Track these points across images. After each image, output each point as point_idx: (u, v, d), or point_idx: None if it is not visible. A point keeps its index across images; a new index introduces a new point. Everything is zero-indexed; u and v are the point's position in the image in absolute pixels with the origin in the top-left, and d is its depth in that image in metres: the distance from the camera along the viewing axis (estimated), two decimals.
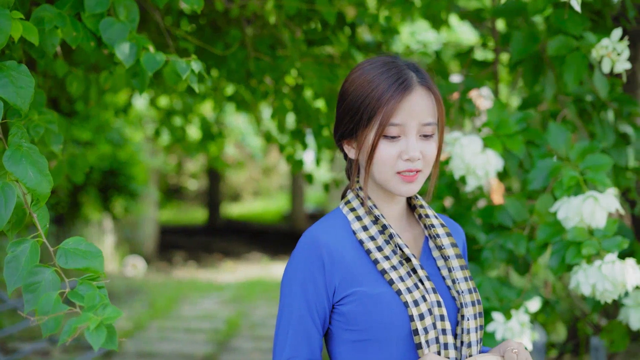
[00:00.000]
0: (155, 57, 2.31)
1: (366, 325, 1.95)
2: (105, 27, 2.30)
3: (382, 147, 1.97)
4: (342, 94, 2.05)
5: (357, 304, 1.95)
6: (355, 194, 2.07)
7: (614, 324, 3.45)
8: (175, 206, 26.60)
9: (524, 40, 3.28)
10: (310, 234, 2.00)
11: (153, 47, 2.34)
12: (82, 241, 1.75)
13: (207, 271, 14.46)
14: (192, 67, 2.35)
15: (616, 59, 3.05)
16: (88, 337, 1.53)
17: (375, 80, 1.98)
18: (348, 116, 2.01)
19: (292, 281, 1.99)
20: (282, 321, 1.99)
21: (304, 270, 1.97)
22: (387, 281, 1.97)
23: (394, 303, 1.94)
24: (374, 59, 2.07)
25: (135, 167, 11.91)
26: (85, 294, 1.62)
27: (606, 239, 2.78)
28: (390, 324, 1.94)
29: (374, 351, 1.96)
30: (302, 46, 4.02)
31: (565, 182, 2.86)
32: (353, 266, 1.98)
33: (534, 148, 3.17)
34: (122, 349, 8.22)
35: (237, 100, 5.68)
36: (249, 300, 11.36)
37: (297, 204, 20.69)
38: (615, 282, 2.66)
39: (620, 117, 3.66)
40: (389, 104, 1.95)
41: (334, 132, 2.10)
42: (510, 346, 1.97)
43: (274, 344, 2.01)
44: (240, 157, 20.03)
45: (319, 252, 1.96)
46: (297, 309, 1.97)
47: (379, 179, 2.01)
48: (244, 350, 8.36)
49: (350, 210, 2.05)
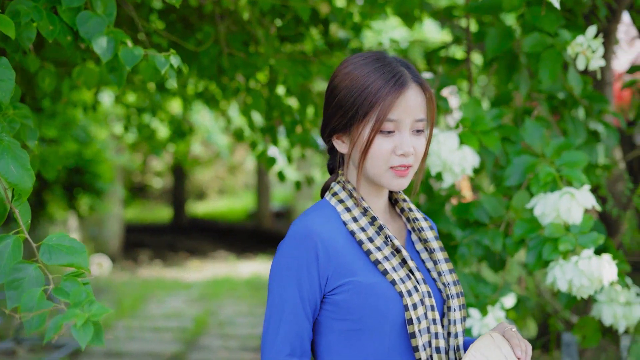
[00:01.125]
0: (134, 52, 2.28)
1: (360, 314, 1.95)
2: (82, 20, 2.27)
3: (377, 142, 1.98)
4: (334, 89, 2.04)
5: (352, 293, 1.95)
6: (342, 186, 2.07)
7: (587, 320, 3.47)
8: (140, 205, 26.42)
9: (498, 38, 3.29)
10: (302, 223, 1.99)
11: (131, 41, 2.31)
12: (66, 237, 1.72)
13: (173, 270, 14.37)
14: (171, 61, 2.33)
15: (591, 56, 3.08)
16: (75, 334, 1.51)
17: (371, 75, 1.99)
18: (341, 110, 2.01)
19: (284, 272, 1.97)
20: (274, 314, 1.97)
21: (298, 261, 1.95)
22: (380, 271, 1.98)
23: (389, 293, 1.96)
24: (364, 54, 2.07)
25: (100, 165, 11.79)
26: (71, 290, 1.59)
27: (582, 235, 2.80)
28: (386, 313, 1.95)
29: (365, 341, 1.97)
30: (276, 42, 4.00)
31: (541, 179, 2.88)
32: (346, 256, 1.98)
33: (509, 145, 3.19)
34: (89, 349, 8.14)
35: (206, 97, 5.65)
36: (217, 298, 11.31)
37: (263, 203, 20.62)
38: (591, 277, 2.68)
39: (590, 115, 3.69)
40: (386, 100, 1.96)
41: (323, 126, 2.09)
42: (507, 327, 2.07)
43: (263, 337, 1.98)
44: (206, 155, 19.95)
45: (313, 242, 1.95)
46: (291, 301, 1.95)
47: (371, 173, 2.02)
48: (212, 349, 8.32)
49: (339, 202, 2.04)
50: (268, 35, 3.80)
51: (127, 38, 2.31)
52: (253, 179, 24.91)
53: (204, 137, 13.51)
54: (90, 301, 1.53)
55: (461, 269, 3.27)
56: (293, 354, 1.95)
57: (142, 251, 16.64)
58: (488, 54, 3.31)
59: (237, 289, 12.14)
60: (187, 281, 12.96)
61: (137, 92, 6.17)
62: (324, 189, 2.15)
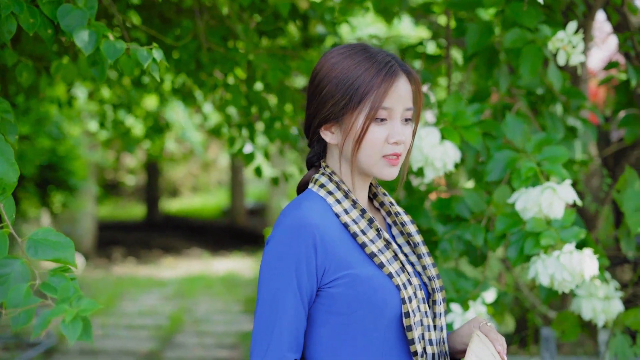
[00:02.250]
0: (116, 45, 2.25)
1: (356, 307, 1.93)
2: (63, 13, 2.24)
3: (370, 131, 1.97)
4: (322, 79, 2.01)
5: (349, 286, 1.93)
6: (328, 178, 2.04)
7: (566, 315, 3.49)
8: (113, 202, 26.27)
9: (479, 33, 3.29)
10: (296, 214, 1.95)
11: (113, 35, 2.29)
12: (52, 232, 1.69)
13: (147, 267, 14.31)
14: (153, 55, 2.31)
15: (572, 52, 3.09)
16: (64, 329, 1.48)
17: (363, 64, 1.98)
18: (333, 100, 1.98)
19: (281, 265, 1.91)
20: (271, 309, 1.91)
21: (295, 253, 1.90)
22: (376, 264, 1.96)
23: (386, 285, 1.94)
24: (349, 45, 2.06)
25: (74, 161, 11.71)
26: (59, 285, 1.57)
27: (564, 229, 2.81)
28: (383, 307, 1.94)
29: (358, 334, 1.94)
30: (255, 38, 3.98)
31: (523, 174, 2.88)
32: (342, 248, 1.95)
33: (490, 140, 3.19)
34: (64, 347, 8.09)
35: (183, 93, 5.62)
36: (192, 295, 11.28)
37: (237, 200, 20.57)
38: (573, 272, 2.69)
39: (568, 111, 3.71)
40: (380, 87, 1.95)
41: (310, 118, 2.06)
42: (481, 321, 2.07)
43: (259, 334, 1.91)
44: (179, 152, 19.86)
45: (311, 233, 1.91)
46: (290, 295, 1.90)
47: (364, 162, 2.00)
48: (188, 346, 8.29)
49: (328, 194, 2.01)
50: (247, 30, 3.78)
51: (108, 31, 2.28)
52: (227, 176, 24.86)
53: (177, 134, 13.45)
54: (79, 296, 1.51)
55: (442, 264, 3.27)
56: (291, 349, 1.91)
57: (116, 249, 16.54)
58: (468, 49, 3.31)
59: (212, 286, 12.10)
60: (162, 278, 12.91)
61: (113, 88, 6.12)
62: (303, 182, 2.12)
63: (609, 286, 3.26)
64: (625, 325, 3.44)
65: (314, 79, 2.05)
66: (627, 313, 3.41)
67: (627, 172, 3.51)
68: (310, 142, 2.12)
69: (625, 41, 4.09)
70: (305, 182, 2.12)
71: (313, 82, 2.05)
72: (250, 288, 11.75)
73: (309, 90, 2.07)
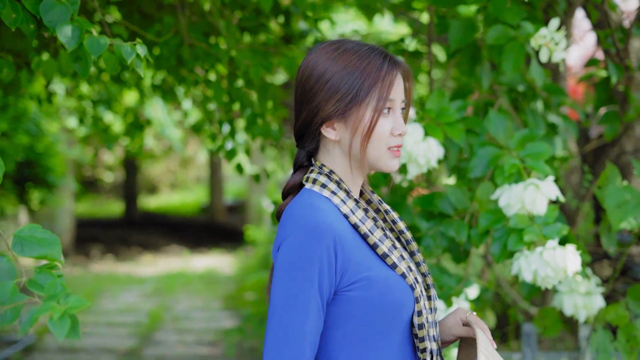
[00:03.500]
0: (99, 41, 2.23)
1: (374, 309, 1.90)
2: (46, 9, 2.22)
3: (379, 124, 1.96)
4: (320, 75, 1.96)
5: (367, 288, 1.89)
6: (327, 177, 1.99)
7: (547, 311, 3.51)
8: (91, 199, 26.14)
9: (462, 30, 3.30)
10: (314, 216, 1.88)
11: (96, 30, 2.27)
12: (38, 228, 1.67)
13: (126, 264, 14.25)
14: (137, 51, 2.29)
15: (554, 49, 3.10)
16: (51, 327, 1.47)
17: (364, 57, 1.95)
18: (338, 95, 1.94)
19: (303, 268, 1.84)
20: (292, 314, 1.83)
21: (319, 256, 1.83)
22: (389, 265, 1.94)
23: (402, 285, 1.93)
24: (340, 40, 2.03)
25: (52, 158, 11.62)
26: (46, 283, 1.55)
27: (547, 225, 2.82)
28: (401, 306, 1.92)
29: (373, 334, 1.92)
30: (237, 34, 3.97)
31: (506, 170, 2.89)
32: (356, 250, 1.91)
33: (473, 136, 3.20)
34: (44, 345, 8.05)
35: (163, 90, 5.60)
36: (171, 293, 11.24)
37: (216, 196, 20.53)
38: (556, 268, 2.70)
39: (549, 108, 3.73)
40: (385, 79, 1.94)
41: (309, 116, 1.99)
42: (466, 311, 2.11)
43: (276, 338, 1.83)
44: (158, 148, 19.78)
45: (330, 236, 1.85)
46: (313, 300, 1.84)
47: (372, 155, 1.98)
48: (167, 344, 8.27)
49: (332, 194, 1.96)
50: (229, 26, 3.76)
51: (92, 27, 2.26)
52: (205, 172, 24.79)
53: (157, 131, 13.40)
54: (66, 294, 1.50)
55: (425, 260, 3.28)
56: (312, 352, 1.85)
57: (94, 246, 16.47)
58: (451, 46, 3.32)
59: (192, 283, 12.07)
60: (141, 276, 12.87)
61: (92, 84, 6.09)
62: (294, 183, 2.05)
63: (590, 282, 3.28)
64: (606, 320, 3.46)
65: (309, 76, 1.99)
66: (608, 309, 3.43)
67: (608, 169, 3.53)
68: (302, 142, 2.05)
69: (606, 38, 4.11)
70: (296, 183, 2.05)
71: (309, 80, 1.98)
72: (229, 285, 11.74)
73: (302, 89, 2.00)
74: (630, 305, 3.50)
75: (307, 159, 2.06)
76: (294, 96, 2.05)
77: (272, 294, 1.87)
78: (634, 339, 3.44)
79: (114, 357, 7.68)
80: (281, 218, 1.96)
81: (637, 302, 3.50)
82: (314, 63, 1.99)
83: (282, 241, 1.89)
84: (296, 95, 2.04)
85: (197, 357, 7.75)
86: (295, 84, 2.04)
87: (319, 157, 2.04)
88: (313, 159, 2.05)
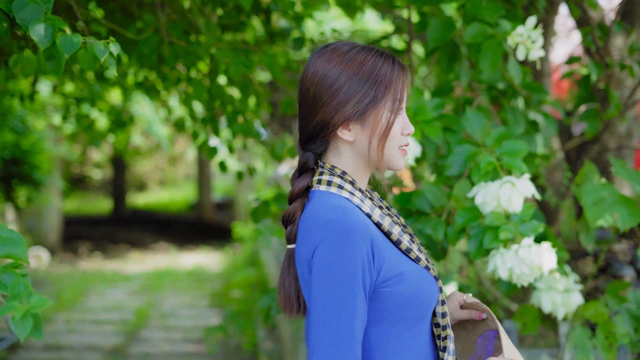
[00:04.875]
0: (72, 39, 2.23)
1: (407, 303, 1.96)
2: (18, 7, 2.21)
3: (395, 123, 2.02)
4: (336, 78, 1.97)
5: (403, 283, 1.94)
6: (341, 178, 2.01)
7: (526, 308, 3.52)
8: (80, 196, 26.08)
9: (440, 28, 3.30)
10: (347, 217, 1.90)
11: (69, 28, 2.26)
12: (3, 227, 1.67)
13: (114, 262, 14.24)
14: (110, 49, 2.29)
15: (531, 47, 3.11)
16: (13, 326, 1.47)
17: (377, 59, 1.99)
18: (356, 97, 1.96)
19: (347, 271, 1.86)
20: (341, 316, 1.85)
21: (360, 257, 1.86)
22: (413, 259, 2.01)
23: (428, 278, 2.01)
24: (343, 43, 2.05)
25: (38, 155, 11.61)
26: (9, 282, 1.55)
27: (523, 223, 2.83)
28: (430, 298, 2.01)
29: (406, 328, 1.98)
30: (217, 31, 3.96)
31: (482, 168, 2.90)
32: (386, 247, 1.96)
33: (451, 134, 3.21)
34: (28, 343, 8.04)
35: (146, 87, 5.58)
36: (158, 290, 11.24)
37: (204, 194, 20.52)
38: (531, 265, 2.71)
39: (530, 105, 3.74)
40: (399, 80, 2.00)
41: (325, 118, 1.99)
42: (462, 295, 2.24)
43: (331, 342, 1.84)
44: (146, 146, 19.75)
45: (368, 236, 1.88)
46: (359, 301, 1.87)
47: (387, 154, 2.02)
48: (153, 341, 8.27)
49: (350, 194, 1.98)
50: (209, 24, 3.76)
51: (65, 25, 2.26)
52: (194, 170, 24.76)
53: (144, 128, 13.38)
54: (29, 293, 1.49)
55: None
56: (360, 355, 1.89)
57: (82, 243, 16.45)
58: (430, 44, 3.32)
59: (179, 280, 12.07)
60: (128, 273, 12.86)
61: (76, 82, 6.07)
62: (303, 187, 2.03)
63: (568, 279, 3.29)
64: (586, 317, 3.48)
65: (322, 79, 1.99)
66: (587, 306, 3.45)
67: (586, 166, 3.54)
68: (310, 145, 2.05)
69: (586, 36, 4.13)
70: (304, 187, 2.04)
71: (322, 83, 1.98)
72: (217, 282, 11.74)
73: (316, 93, 2.00)
74: (609, 302, 3.52)
75: (314, 161, 2.06)
76: (302, 100, 2.04)
77: (316, 299, 1.87)
78: (612, 335, 3.46)
79: (99, 355, 7.68)
80: (303, 222, 1.96)
81: (616, 299, 3.52)
82: (325, 66, 2.00)
83: (316, 246, 1.89)
84: (306, 98, 2.03)
85: (183, 354, 7.75)
86: (303, 88, 2.03)
87: (327, 158, 2.05)
88: (320, 161, 2.06)
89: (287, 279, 2.05)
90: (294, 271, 2.03)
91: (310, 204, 1.98)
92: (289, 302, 2.04)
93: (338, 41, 2.08)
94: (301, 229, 1.96)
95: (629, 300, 3.48)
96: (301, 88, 2.04)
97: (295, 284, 2.04)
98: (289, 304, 2.04)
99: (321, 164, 2.04)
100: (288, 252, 2.04)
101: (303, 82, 2.03)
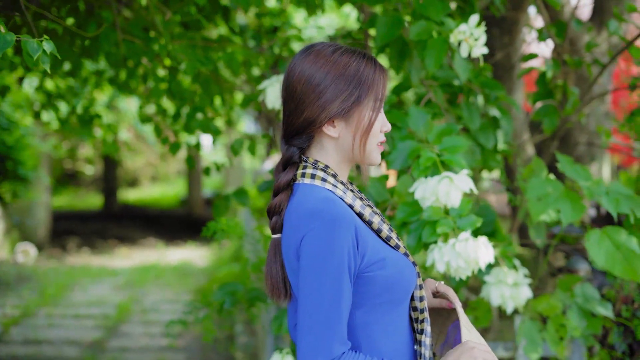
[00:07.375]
0: (5, 37, 2.27)
1: (389, 287, 2.07)
2: None
3: (375, 121, 2.13)
4: (323, 77, 2.08)
5: (387, 268, 2.06)
6: (323, 171, 2.12)
7: (479, 302, 3.57)
8: (72, 192, 26.09)
9: (387, 25, 3.33)
10: (333, 207, 2.01)
11: (4, 26, 2.31)
12: None
13: (101, 257, 14.27)
14: (43, 47, 2.33)
15: (474, 44, 3.15)
16: None
17: (360, 59, 2.11)
18: (342, 95, 2.08)
19: (334, 260, 1.97)
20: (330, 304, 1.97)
21: (346, 245, 1.98)
22: (392, 246, 2.13)
23: (407, 264, 2.14)
24: (325, 44, 2.16)
25: (23, 151, 11.62)
26: None
27: (461, 218, 2.87)
28: (409, 283, 2.13)
29: (387, 312, 2.10)
30: (176, 29, 4.00)
31: (422, 163, 2.94)
32: (368, 235, 2.06)
33: (395, 130, 3.25)
34: (8, 337, 8.07)
35: (118, 83, 5.62)
36: (142, 285, 11.28)
37: (194, 189, 20.55)
38: (468, 259, 2.75)
39: (488, 101, 3.78)
40: (380, 80, 2.12)
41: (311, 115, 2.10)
42: (434, 282, 2.37)
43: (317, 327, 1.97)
44: (135, 142, 19.77)
45: (352, 225, 2.00)
46: (346, 288, 1.99)
47: (368, 150, 2.14)
48: (133, 335, 8.31)
49: (333, 186, 2.09)
50: (165, 21, 3.79)
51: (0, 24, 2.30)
52: (185, 165, 24.76)
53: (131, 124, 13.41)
54: None
55: None
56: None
57: (71, 239, 16.47)
58: (377, 41, 3.36)
59: (164, 275, 12.11)
60: (114, 268, 12.89)
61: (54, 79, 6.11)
62: (288, 180, 2.13)
63: (518, 273, 3.34)
64: (538, 311, 3.52)
65: (309, 78, 2.09)
66: (539, 299, 3.50)
67: (534, 162, 3.59)
68: (294, 140, 2.15)
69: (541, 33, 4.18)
70: (289, 180, 2.14)
71: (310, 81, 2.09)
72: (201, 277, 11.78)
73: (303, 90, 2.10)
74: (560, 296, 3.56)
75: (298, 156, 2.16)
76: (288, 98, 2.14)
77: (304, 284, 1.98)
78: (562, 329, 3.51)
79: (78, 349, 7.72)
80: (290, 213, 2.07)
81: (566, 293, 3.57)
82: (311, 67, 2.10)
83: (304, 235, 2.00)
84: (293, 97, 2.12)
85: (160, 348, 7.79)
86: (289, 87, 2.13)
87: (311, 153, 2.17)
88: (303, 155, 2.17)
89: (273, 266, 2.15)
90: (280, 259, 2.14)
91: (295, 195, 2.10)
92: (277, 289, 2.15)
93: (320, 42, 2.19)
94: (287, 219, 2.07)
95: (576, 295, 3.53)
96: (287, 87, 2.14)
97: (282, 272, 2.14)
98: (276, 291, 2.15)
99: (304, 158, 2.16)
100: (274, 242, 2.15)
101: (289, 81, 2.13)
